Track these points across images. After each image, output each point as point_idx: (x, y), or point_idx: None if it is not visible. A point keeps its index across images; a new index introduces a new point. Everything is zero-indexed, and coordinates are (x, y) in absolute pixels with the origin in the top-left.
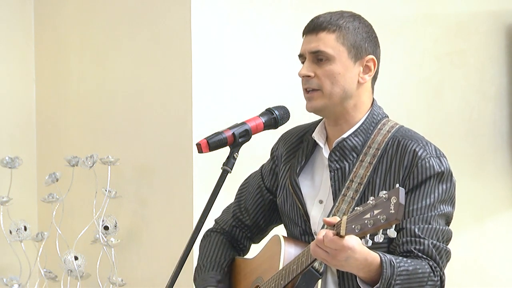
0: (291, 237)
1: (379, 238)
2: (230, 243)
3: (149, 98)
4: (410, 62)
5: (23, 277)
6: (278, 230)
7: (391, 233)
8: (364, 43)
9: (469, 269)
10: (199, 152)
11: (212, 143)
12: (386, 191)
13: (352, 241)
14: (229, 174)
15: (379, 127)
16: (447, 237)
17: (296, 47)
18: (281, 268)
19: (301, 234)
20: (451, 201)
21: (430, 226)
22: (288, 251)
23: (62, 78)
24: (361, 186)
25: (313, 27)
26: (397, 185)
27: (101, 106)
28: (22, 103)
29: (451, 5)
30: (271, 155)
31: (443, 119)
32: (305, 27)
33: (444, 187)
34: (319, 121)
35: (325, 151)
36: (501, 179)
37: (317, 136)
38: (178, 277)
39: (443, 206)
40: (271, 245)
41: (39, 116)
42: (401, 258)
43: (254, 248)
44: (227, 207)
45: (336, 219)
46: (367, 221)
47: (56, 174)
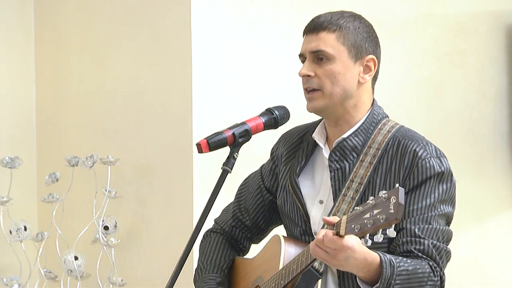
0: (291, 237)
1: (379, 238)
2: (230, 243)
3: (149, 98)
4: (410, 62)
5: (23, 277)
6: (278, 231)
7: (391, 233)
8: (364, 43)
9: (469, 269)
10: (199, 152)
11: (212, 143)
12: (386, 191)
13: (351, 240)
14: (229, 174)
15: (379, 127)
16: (447, 237)
17: (296, 47)
18: (281, 268)
19: (301, 234)
20: (451, 201)
21: (430, 226)
22: (288, 251)
23: (62, 78)
24: (361, 186)
25: (314, 27)
26: (396, 185)
27: (101, 106)
28: (22, 103)
29: (451, 5)
30: (271, 155)
31: (443, 119)
32: (306, 27)
33: (444, 187)
34: (319, 121)
35: (325, 151)
36: (501, 179)
37: (317, 136)
38: (178, 277)
39: (443, 206)
40: (271, 245)
41: (39, 116)
42: (401, 258)
43: (254, 248)
44: (226, 207)
45: (336, 218)
46: (366, 221)
47: (56, 174)
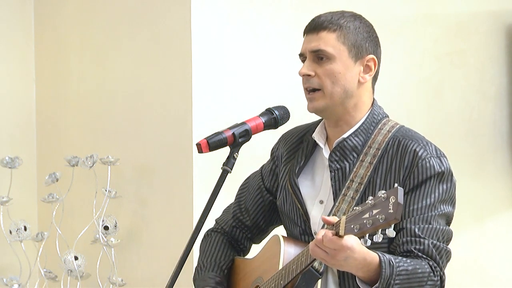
0: (291, 237)
1: (378, 238)
2: (230, 243)
3: (149, 98)
4: (410, 62)
5: (23, 277)
6: (279, 231)
7: (390, 232)
8: (364, 42)
9: (469, 269)
10: (199, 152)
11: (212, 143)
12: (385, 191)
13: (351, 241)
14: (229, 174)
15: (379, 127)
16: (447, 237)
17: (296, 47)
18: (280, 268)
19: (300, 234)
20: (452, 201)
21: (430, 226)
22: (288, 251)
23: (62, 78)
24: (361, 186)
25: (314, 26)
26: (395, 184)
27: (101, 106)
28: (22, 103)
29: (451, 5)
30: (271, 155)
31: (443, 119)
32: (306, 26)
33: (445, 187)
34: (319, 121)
35: (325, 151)
36: (501, 179)
37: (317, 137)
38: (178, 277)
39: (443, 206)
40: (270, 245)
41: (39, 116)
42: (400, 258)
43: (255, 248)
44: (227, 207)
45: (335, 219)
46: (366, 221)
47: (56, 174)
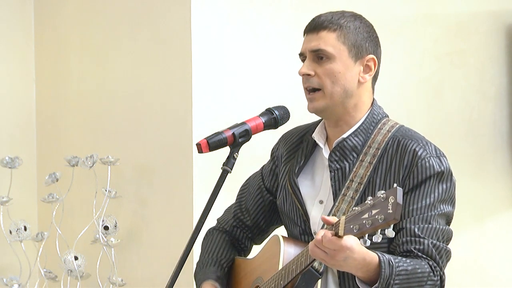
0: (291, 237)
1: (378, 238)
2: (231, 242)
3: (149, 98)
4: (410, 62)
5: (23, 277)
6: (279, 231)
7: (389, 233)
8: (364, 42)
9: (469, 269)
10: (199, 152)
11: (212, 143)
12: (384, 191)
13: (350, 241)
14: (229, 174)
15: (379, 126)
16: (447, 236)
17: (296, 47)
18: (280, 268)
19: (300, 234)
20: (451, 201)
21: (430, 225)
22: (288, 251)
23: (62, 78)
24: (361, 186)
25: (314, 26)
26: (395, 184)
27: (101, 106)
28: (22, 103)
29: (451, 5)
30: (271, 155)
31: (443, 119)
32: (306, 26)
33: (444, 186)
34: (319, 121)
35: (325, 151)
36: (501, 179)
37: (317, 137)
38: (178, 277)
39: (443, 205)
40: (270, 245)
41: (39, 116)
42: (400, 258)
43: (255, 248)
44: (228, 207)
45: (334, 219)
46: (365, 221)
47: (56, 174)
